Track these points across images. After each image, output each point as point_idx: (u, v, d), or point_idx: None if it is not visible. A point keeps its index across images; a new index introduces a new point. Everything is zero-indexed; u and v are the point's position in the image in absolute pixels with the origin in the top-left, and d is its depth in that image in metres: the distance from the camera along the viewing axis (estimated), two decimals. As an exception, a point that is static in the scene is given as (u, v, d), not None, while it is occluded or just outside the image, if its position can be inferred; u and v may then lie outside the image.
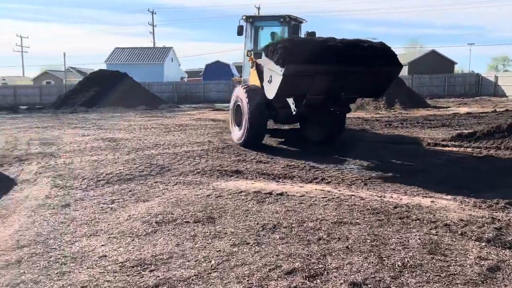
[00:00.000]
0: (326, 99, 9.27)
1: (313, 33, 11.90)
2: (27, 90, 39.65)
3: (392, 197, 5.81)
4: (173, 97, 37.26)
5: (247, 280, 3.41)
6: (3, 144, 11.48)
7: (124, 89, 28.55)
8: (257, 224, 4.74)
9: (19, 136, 13.13)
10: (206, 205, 5.49)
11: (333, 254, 3.88)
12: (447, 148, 9.99)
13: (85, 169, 7.89)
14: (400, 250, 3.94)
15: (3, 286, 3.33)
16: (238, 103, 10.76)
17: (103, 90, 28.04)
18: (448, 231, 4.46)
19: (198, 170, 7.66)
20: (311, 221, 4.80)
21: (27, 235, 4.49)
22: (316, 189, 6.31)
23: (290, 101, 9.43)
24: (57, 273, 3.58)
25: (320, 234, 4.40)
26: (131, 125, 16.24)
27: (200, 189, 6.38)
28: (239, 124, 10.76)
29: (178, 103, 33.20)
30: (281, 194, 6.01)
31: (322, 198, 5.80)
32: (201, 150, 9.89)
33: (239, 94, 10.66)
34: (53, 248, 4.13)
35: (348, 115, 18.84)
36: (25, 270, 3.63)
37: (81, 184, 6.81)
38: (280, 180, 7.01)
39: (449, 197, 5.84)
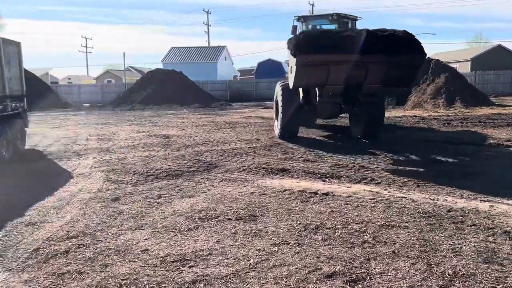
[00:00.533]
0: (348, 89, 9.42)
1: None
2: (90, 88, 41.92)
3: (446, 200, 5.45)
4: (226, 95, 37.77)
5: (285, 282, 3.31)
6: (65, 139, 12.17)
7: (179, 87, 29.38)
8: (300, 224, 4.62)
9: (80, 132, 13.87)
10: (249, 202, 5.45)
11: (378, 258, 3.68)
12: None
13: (137, 164, 8.14)
14: (451, 257, 3.66)
15: (49, 275, 3.48)
16: (277, 98, 11.65)
17: (159, 88, 29.02)
18: (508, 238, 4.09)
19: (244, 168, 7.65)
20: (356, 223, 4.60)
21: (77, 226, 4.68)
22: (364, 190, 6.07)
23: (314, 91, 10.08)
24: (100, 264, 3.68)
25: (365, 237, 4.20)
26: (184, 122, 16.63)
27: (245, 186, 6.36)
28: (277, 118, 11.60)
29: (230, 101, 33.63)
30: (327, 194, 5.84)
31: (370, 199, 5.56)
32: (249, 147, 9.89)
33: (277, 90, 11.51)
34: (99, 240, 4.27)
35: (404, 113, 18.25)
36: (71, 261, 3.77)
37: (131, 179, 7.03)
38: (327, 179, 6.83)
39: (510, 201, 5.37)
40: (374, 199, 5.55)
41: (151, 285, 3.28)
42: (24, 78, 10.93)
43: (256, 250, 3.95)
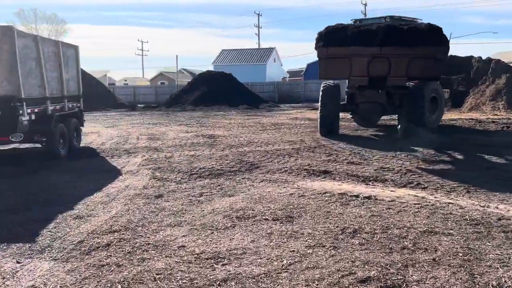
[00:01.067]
0: (372, 81, 9.89)
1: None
2: (144, 89, 43.65)
3: (497, 208, 5.12)
4: (274, 96, 37.86)
5: (316, 284, 3.26)
6: (117, 138, 12.74)
7: (228, 89, 29.81)
8: (337, 227, 4.53)
9: (132, 131, 14.45)
10: (287, 203, 5.42)
11: (417, 265, 3.52)
12: None
13: (182, 163, 8.36)
14: (497, 268, 3.43)
15: (89, 267, 3.65)
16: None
17: (209, 90, 29.62)
18: None
19: (286, 169, 7.63)
20: (397, 228, 4.44)
21: (120, 221, 4.88)
22: (409, 195, 5.84)
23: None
24: (138, 258, 3.81)
25: (405, 243, 4.04)
26: (231, 123, 16.85)
27: (284, 187, 6.34)
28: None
29: (278, 103, 33.66)
30: (369, 197, 5.68)
31: (414, 204, 5.34)
32: (292, 149, 9.84)
33: (320, 89, 11.87)
34: (140, 235, 4.42)
35: (460, 116, 17.38)
36: (111, 254, 3.93)
37: (176, 177, 7.22)
38: (370, 183, 6.64)
39: None
40: (418, 204, 5.33)
41: (184, 281, 3.35)
42: (82, 80, 11.59)
43: (290, 251, 3.92)
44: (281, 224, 4.67)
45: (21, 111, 8.06)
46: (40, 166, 8.35)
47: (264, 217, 4.90)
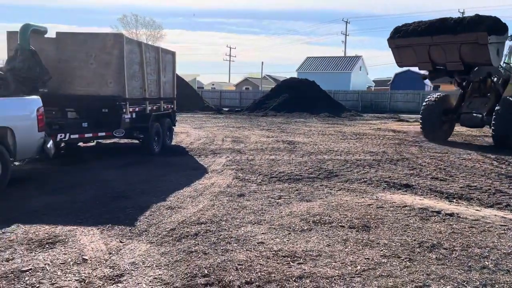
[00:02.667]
0: (436, 69, 12.26)
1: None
2: (229, 94, 45.38)
3: None
4: (357, 105, 37.17)
5: (389, 292, 3.35)
6: (204, 138, 13.56)
7: (310, 96, 29.95)
8: (414, 240, 4.52)
9: (217, 133, 15.26)
10: (365, 213, 5.49)
11: (496, 286, 3.45)
12: None
13: (263, 166, 8.73)
14: None
15: (180, 252, 4.09)
16: None
17: (291, 96, 30.02)
18: None
19: (365, 179, 7.63)
20: (478, 248, 4.32)
21: (206, 214, 5.33)
22: (495, 215, 5.58)
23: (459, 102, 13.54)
24: (222, 249, 4.18)
25: (486, 262, 3.94)
26: (311, 130, 17.00)
27: (363, 197, 6.38)
28: None
29: (361, 112, 33.01)
30: (451, 214, 5.53)
31: (501, 225, 5.11)
32: (373, 160, 9.75)
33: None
34: (224, 229, 4.82)
35: None
36: (198, 242, 4.36)
37: (256, 179, 7.60)
38: (454, 200, 6.42)
39: None
40: (505, 226, 5.09)
41: (262, 273, 3.64)
42: (176, 83, 12.56)
43: (365, 258, 4.03)
44: (357, 232, 4.77)
45: (124, 110, 9.02)
46: (138, 160, 9.26)
47: (340, 224, 5.04)
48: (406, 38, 11.94)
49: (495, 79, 13.24)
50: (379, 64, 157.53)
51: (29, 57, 7.97)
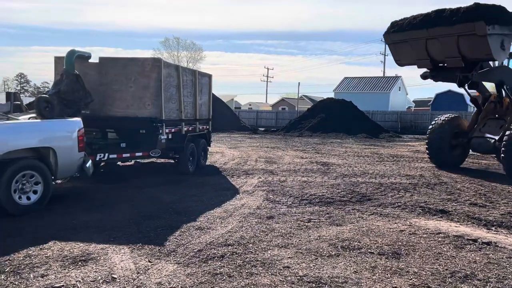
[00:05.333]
0: (436, 67, 10.99)
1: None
2: (266, 114, 45.69)
3: None
4: (396, 126, 36.41)
5: (415, 324, 3.24)
6: (238, 159, 13.70)
7: (347, 116, 29.67)
8: (446, 269, 4.36)
9: (251, 153, 15.38)
10: (396, 240, 5.35)
11: (533, 323, 3.26)
12: None
13: (294, 188, 8.71)
14: None
15: (205, 274, 4.14)
16: None
17: (328, 117, 29.85)
18: None
19: (399, 204, 7.44)
20: (516, 280, 4.10)
21: (234, 236, 5.37)
22: (538, 246, 5.28)
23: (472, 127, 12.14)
24: (247, 272, 4.20)
25: (524, 297, 3.73)
26: (346, 152, 16.80)
27: (395, 223, 6.22)
28: None
29: (400, 133, 32.29)
30: (488, 243, 5.29)
31: (543, 257, 4.82)
32: (409, 183, 9.49)
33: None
34: (250, 251, 4.83)
35: None
36: (224, 264, 4.40)
37: (287, 201, 7.59)
38: (493, 228, 6.14)
39: None
40: (548, 257, 4.80)
41: (285, 299, 3.62)
42: (212, 104, 12.84)
43: (393, 287, 3.92)
44: (387, 260, 4.65)
45: (160, 131, 9.31)
46: (172, 179, 9.48)
47: (369, 250, 4.93)
48: (402, 32, 10.79)
49: None
50: (420, 84, 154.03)
51: (73, 81, 8.44)
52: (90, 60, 9.15)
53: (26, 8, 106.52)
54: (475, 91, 12.64)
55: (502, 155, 10.54)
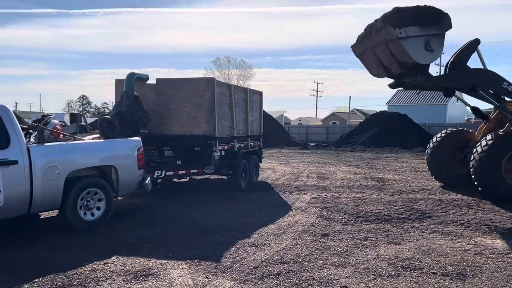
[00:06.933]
0: (390, 74, 10.09)
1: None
2: (316, 129, 45.36)
3: None
4: (455, 139, 34.65)
5: None
6: (289, 175, 13.66)
7: (402, 130, 28.70)
8: (519, 294, 4.05)
9: (302, 169, 15.28)
10: (461, 260, 5.06)
11: None
12: None
13: (349, 205, 8.53)
14: None
15: (262, 290, 4.14)
16: None
17: (381, 130, 29.05)
18: None
19: (462, 222, 7.06)
20: None
21: (289, 254, 5.34)
22: None
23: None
24: (303, 291, 4.15)
25: None
26: (402, 167, 16.23)
27: (459, 242, 5.90)
28: None
29: (459, 146, 30.70)
30: None
31: None
32: (472, 199, 8.99)
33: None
34: (306, 270, 4.77)
35: None
36: (280, 282, 4.37)
37: (342, 218, 7.44)
38: None
39: None
40: None
41: (344, 320, 3.52)
42: (263, 120, 12.97)
43: (459, 311, 3.71)
44: (451, 281, 4.41)
45: (214, 148, 9.53)
46: (226, 195, 9.62)
47: (432, 271, 4.70)
48: (360, 43, 10.15)
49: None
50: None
51: (133, 102, 8.89)
52: (148, 82, 9.61)
53: (86, 34, 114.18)
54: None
55: (472, 170, 9.49)
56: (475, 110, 11.38)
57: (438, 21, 9.32)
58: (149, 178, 7.76)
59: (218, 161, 9.74)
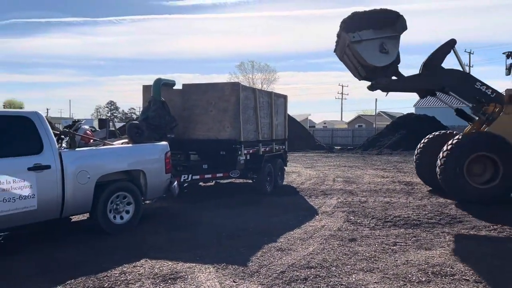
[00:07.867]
0: (361, 76, 10.16)
1: None
2: (341, 132, 44.93)
3: None
4: (486, 141, 33.62)
5: None
6: (315, 178, 13.56)
7: (430, 132, 28.07)
8: (558, 303, 3.89)
9: (328, 173, 15.15)
10: (494, 267, 4.90)
11: None
12: None
13: (376, 209, 8.39)
14: None
15: (290, 295, 4.12)
16: None
17: (409, 133, 28.49)
18: None
19: (495, 227, 6.83)
20: None
21: (316, 259, 5.29)
22: None
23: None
24: (331, 296, 4.10)
25: None
26: (431, 170, 15.85)
27: (492, 248, 5.71)
28: None
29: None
30: None
31: None
32: (506, 204, 8.69)
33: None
34: (334, 275, 4.72)
35: None
36: None
37: (369, 223, 7.33)
38: None
39: None
40: None
41: (374, 327, 3.46)
42: (287, 124, 12.94)
43: (494, 320, 3.59)
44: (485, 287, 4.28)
45: (239, 152, 9.57)
46: (251, 199, 9.64)
47: (464, 277, 4.57)
48: (337, 47, 10.22)
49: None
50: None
51: (160, 107, 9.04)
52: (174, 87, 9.76)
53: (113, 41, 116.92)
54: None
55: (438, 173, 9.13)
56: (459, 112, 10.91)
57: (393, 23, 9.32)
58: (176, 182, 7.86)
59: (243, 165, 9.77)
